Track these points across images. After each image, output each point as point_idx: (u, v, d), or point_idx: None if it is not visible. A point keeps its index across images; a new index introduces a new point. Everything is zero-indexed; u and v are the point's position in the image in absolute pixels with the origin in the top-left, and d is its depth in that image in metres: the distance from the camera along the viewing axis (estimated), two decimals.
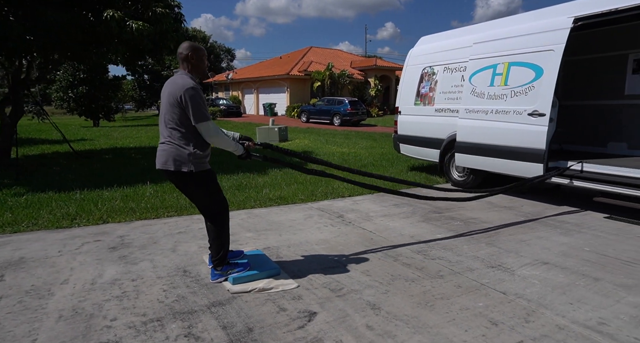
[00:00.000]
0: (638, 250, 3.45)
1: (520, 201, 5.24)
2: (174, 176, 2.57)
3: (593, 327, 2.25)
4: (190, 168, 2.50)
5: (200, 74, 2.61)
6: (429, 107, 6.64)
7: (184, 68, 2.57)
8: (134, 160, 8.48)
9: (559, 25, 4.78)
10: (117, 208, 4.54)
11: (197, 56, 2.56)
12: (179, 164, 2.50)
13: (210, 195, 2.66)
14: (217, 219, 2.68)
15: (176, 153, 2.50)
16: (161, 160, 2.55)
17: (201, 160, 2.55)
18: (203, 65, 2.61)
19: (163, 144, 2.57)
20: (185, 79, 2.47)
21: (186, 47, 2.55)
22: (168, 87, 2.51)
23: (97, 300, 2.47)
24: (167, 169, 2.54)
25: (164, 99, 2.52)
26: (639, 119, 5.77)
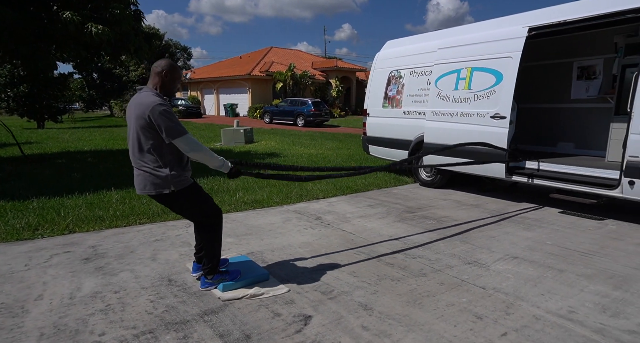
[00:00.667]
0: (592, 242, 3.80)
1: (485, 199, 5.57)
2: (157, 198, 2.48)
3: (564, 315, 2.46)
4: (172, 189, 2.41)
5: (167, 94, 2.47)
6: (396, 109, 6.85)
7: (152, 84, 2.44)
8: (91, 165, 8.00)
9: (515, 34, 5.13)
10: (83, 217, 4.28)
11: (171, 76, 2.45)
12: (159, 187, 2.40)
13: (200, 208, 2.59)
14: (210, 230, 2.62)
15: (153, 178, 2.39)
16: (139, 186, 2.45)
17: (181, 178, 2.44)
18: (174, 86, 2.50)
19: (138, 169, 2.44)
20: (151, 97, 2.33)
21: (163, 64, 2.44)
22: (134, 109, 2.36)
23: (79, 315, 2.34)
24: (149, 194, 2.44)
25: (132, 123, 2.37)
26: (582, 121, 6.33)
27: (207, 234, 2.63)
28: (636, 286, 2.85)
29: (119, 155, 9.47)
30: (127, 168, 7.40)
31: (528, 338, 2.19)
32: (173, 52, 44.76)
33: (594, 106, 6.19)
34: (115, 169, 7.35)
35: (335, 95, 28.78)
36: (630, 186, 4.10)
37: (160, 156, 2.38)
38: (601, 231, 4.14)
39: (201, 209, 2.59)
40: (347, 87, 31.02)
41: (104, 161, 8.35)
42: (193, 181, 2.56)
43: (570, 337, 2.22)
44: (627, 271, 3.11)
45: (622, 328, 2.31)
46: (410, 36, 7.26)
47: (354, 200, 5.49)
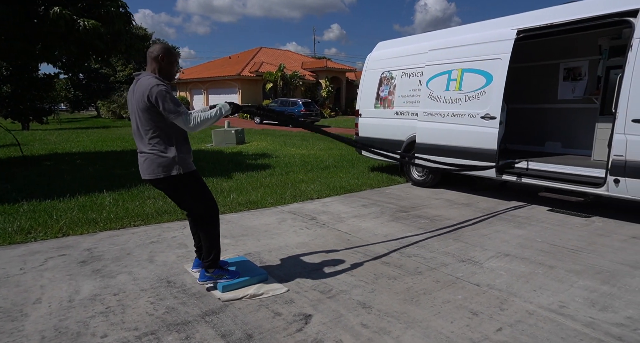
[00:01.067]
0: (579, 239, 3.91)
1: (476, 198, 5.67)
2: (164, 183, 2.50)
3: (556, 310, 2.54)
4: (179, 171, 2.45)
5: (167, 78, 2.51)
6: (388, 110, 6.93)
7: (151, 69, 2.48)
8: (81, 167, 7.89)
9: (504, 36, 5.25)
10: (76, 220, 4.24)
11: (167, 59, 2.48)
12: (167, 169, 2.44)
13: (201, 196, 2.62)
14: (208, 220, 2.64)
15: (160, 160, 2.43)
16: (148, 170, 2.47)
17: (187, 161, 2.52)
18: (172, 69, 2.54)
19: (144, 153, 2.48)
20: (150, 79, 2.37)
21: (158, 48, 2.47)
22: (134, 93, 2.42)
23: (80, 317, 2.33)
24: (156, 178, 2.45)
25: (133, 107, 2.42)
26: (569, 121, 6.50)
27: (205, 226, 2.65)
28: (623, 281, 2.96)
29: (109, 157, 9.37)
30: (118, 170, 7.36)
31: (522, 333, 2.26)
32: None
33: (579, 106, 6.36)
34: (105, 171, 7.28)
35: (325, 95, 28.85)
36: (615, 184, 4.23)
37: (166, 138, 2.42)
38: (588, 228, 4.26)
39: (201, 198, 2.62)
40: (337, 88, 31.12)
41: (94, 163, 8.25)
42: (196, 169, 2.61)
43: (562, 330, 2.30)
44: (614, 266, 3.22)
45: (611, 321, 2.40)
46: (402, 38, 7.35)
47: (347, 200, 5.54)
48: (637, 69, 4.08)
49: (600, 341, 2.19)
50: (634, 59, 4.10)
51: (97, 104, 35.68)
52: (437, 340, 2.19)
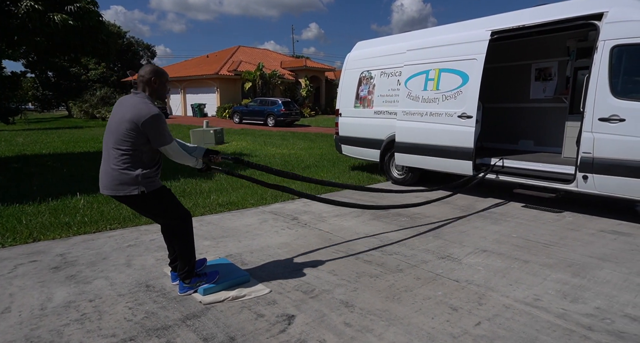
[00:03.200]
0: (552, 234, 4.06)
1: (454, 196, 5.75)
2: (124, 200, 2.44)
3: (531, 303, 2.63)
4: (142, 189, 2.39)
5: (160, 99, 2.55)
6: (368, 109, 6.99)
7: (143, 90, 2.47)
8: (52, 169, 7.60)
9: (479, 37, 5.38)
10: (47, 224, 4.08)
11: (160, 81, 2.50)
12: (128, 188, 2.37)
13: (169, 211, 2.57)
14: (180, 233, 2.59)
15: (123, 177, 2.36)
16: (107, 185, 2.40)
17: (151, 179, 2.44)
18: (164, 90, 2.56)
19: (107, 168, 2.40)
20: (149, 106, 2.37)
21: (149, 71, 2.47)
22: (127, 110, 2.36)
23: (53, 326, 2.25)
24: (115, 195, 2.39)
25: (118, 120, 2.36)
26: (541, 120, 6.74)
27: (178, 238, 2.60)
28: (592, 273, 3.09)
29: (82, 158, 9.06)
30: (92, 172, 7.09)
31: (499, 326, 2.33)
32: (136, 51, 43.14)
33: (550, 105, 6.60)
34: (79, 173, 7.04)
35: (305, 95, 28.79)
36: (584, 180, 4.42)
37: (136, 157, 2.38)
38: (560, 223, 4.43)
39: (169, 214, 2.57)
40: (317, 87, 31.11)
41: (66, 165, 7.95)
42: (162, 185, 2.55)
43: (536, 323, 2.38)
44: (584, 259, 3.36)
45: (581, 312, 2.50)
46: (380, 38, 7.42)
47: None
48: (602, 70, 4.27)
49: (572, 331, 2.28)
50: (599, 60, 4.28)
51: (68, 104, 34.39)
52: (419, 336, 2.23)
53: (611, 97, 4.20)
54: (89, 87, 33.11)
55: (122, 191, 2.37)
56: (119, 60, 39.09)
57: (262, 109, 21.53)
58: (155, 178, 2.47)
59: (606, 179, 4.25)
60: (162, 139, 2.39)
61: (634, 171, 4.04)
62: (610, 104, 4.19)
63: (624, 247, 3.64)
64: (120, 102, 2.47)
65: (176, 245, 2.63)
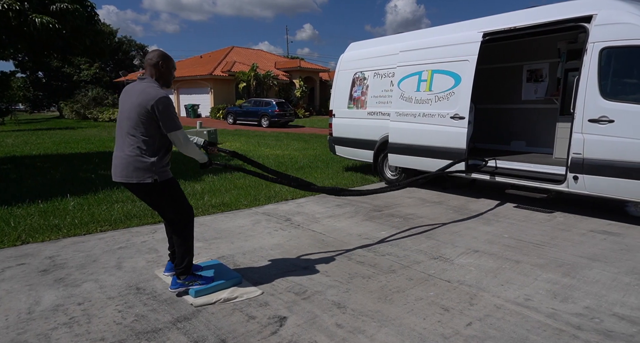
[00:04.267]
0: (543, 234, 4.09)
1: (447, 196, 5.82)
2: (136, 188, 2.43)
3: (522, 303, 2.65)
4: (155, 178, 2.41)
5: (166, 85, 2.53)
6: (361, 110, 7.00)
7: (150, 75, 2.48)
8: (42, 170, 7.51)
9: (471, 39, 5.41)
10: (36, 226, 4.03)
11: (167, 65, 2.50)
12: (142, 175, 2.38)
13: (176, 204, 2.58)
14: (182, 227, 2.59)
15: (138, 164, 2.38)
16: (122, 172, 2.40)
17: (164, 169, 2.48)
18: (171, 76, 2.56)
19: (122, 154, 2.41)
20: (156, 89, 2.39)
21: (157, 55, 2.48)
22: (135, 95, 2.38)
23: (40, 330, 2.22)
24: (128, 182, 2.38)
25: (129, 107, 2.39)
26: (533, 121, 6.80)
27: (179, 233, 2.60)
28: (582, 272, 3.12)
29: (74, 159, 8.96)
30: (83, 173, 7.05)
31: (490, 327, 2.34)
32: (127, 50, 42.80)
33: (541, 106, 6.66)
34: (70, 174, 6.96)
35: (299, 95, 28.78)
36: (574, 181, 4.46)
37: (151, 144, 2.40)
38: (551, 223, 4.47)
39: (176, 206, 2.58)
40: (311, 88, 31.11)
41: (57, 167, 7.86)
42: (173, 176, 2.57)
43: (527, 322, 2.39)
44: (574, 259, 3.39)
45: (571, 311, 2.52)
46: (374, 39, 7.47)
47: (322, 200, 5.55)
48: (591, 72, 4.31)
49: (561, 331, 2.30)
50: (589, 62, 4.33)
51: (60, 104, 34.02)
52: (410, 337, 2.23)
53: (600, 99, 4.24)
54: (81, 87, 32.77)
55: (136, 178, 2.38)
56: (111, 60, 38.79)
57: (256, 109, 21.47)
58: (167, 168, 2.51)
59: (596, 180, 4.30)
60: (172, 124, 2.38)
61: (623, 172, 4.08)
62: (600, 105, 4.24)
63: (613, 247, 3.68)
64: (127, 90, 2.47)
65: (176, 239, 2.61)
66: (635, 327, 2.34)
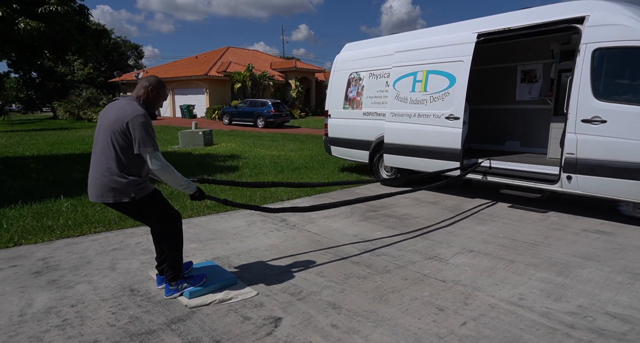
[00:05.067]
0: (537, 233, 4.12)
1: (442, 196, 5.84)
2: (115, 207, 2.41)
3: (516, 302, 2.67)
4: (132, 196, 2.36)
5: (151, 109, 2.50)
6: (357, 111, 7.01)
7: (137, 95, 2.46)
8: (35, 171, 7.45)
9: (466, 40, 5.44)
10: (29, 228, 3.99)
11: (157, 92, 2.49)
12: (117, 195, 2.34)
13: (160, 215, 2.54)
14: (170, 235, 2.57)
15: (112, 184, 2.32)
16: (97, 192, 2.36)
17: (142, 186, 2.42)
18: (158, 103, 2.55)
19: (97, 173, 2.36)
20: (135, 106, 2.36)
21: (153, 80, 2.49)
22: (113, 112, 2.36)
23: (32, 332, 2.19)
24: (105, 202, 2.36)
25: (106, 124, 2.35)
26: (527, 121, 6.84)
27: (167, 240, 2.57)
28: (575, 272, 3.14)
29: (67, 160, 8.89)
30: (77, 174, 7.00)
31: (485, 326, 2.35)
32: (122, 51, 42.54)
33: (535, 107, 6.70)
34: (63, 175, 6.91)
35: (295, 96, 28.76)
36: (568, 180, 4.49)
37: (127, 164, 2.35)
38: (545, 222, 4.50)
39: (160, 217, 2.55)
40: (307, 88, 31.10)
41: (50, 167, 7.80)
42: (154, 188, 2.51)
43: (521, 322, 2.41)
44: (567, 258, 3.41)
45: (564, 310, 2.54)
46: (369, 39, 7.46)
47: (318, 201, 5.54)
48: (584, 73, 4.35)
49: (555, 330, 2.32)
50: (582, 63, 4.37)
51: (53, 105, 33.75)
52: (405, 337, 2.23)
53: (593, 99, 4.28)
54: (75, 87, 32.53)
55: (113, 199, 2.34)
56: (106, 60, 38.55)
57: (251, 110, 21.43)
58: (144, 184, 2.44)
59: (589, 180, 4.33)
60: (147, 142, 2.28)
61: (615, 172, 4.12)
62: (593, 105, 4.27)
63: (606, 246, 3.71)
64: (109, 106, 2.46)
65: (165, 246, 2.60)
66: (627, 325, 2.36)
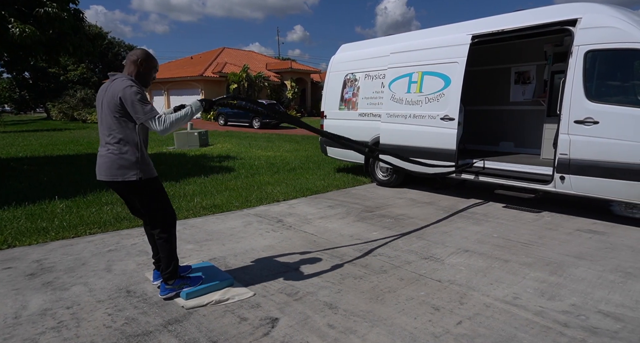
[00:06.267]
0: (531, 233, 4.16)
1: (437, 197, 5.88)
2: (121, 187, 2.41)
3: (510, 301, 2.69)
4: (140, 175, 2.39)
5: (143, 84, 2.49)
6: (352, 111, 7.03)
7: (128, 72, 2.44)
8: (29, 173, 7.39)
9: (461, 41, 5.48)
10: (23, 229, 3.97)
11: (146, 64, 2.47)
12: (126, 173, 2.36)
13: (162, 205, 2.56)
14: (167, 230, 2.57)
15: (121, 162, 2.36)
16: (106, 171, 2.38)
17: (148, 166, 2.47)
18: (149, 76, 2.53)
19: (105, 152, 2.40)
20: (124, 80, 2.34)
21: (140, 53, 2.46)
22: (105, 91, 2.38)
23: (27, 335, 2.18)
24: (113, 181, 2.36)
25: (103, 106, 2.38)
26: (521, 122, 6.90)
27: (162, 236, 2.57)
28: (568, 271, 3.18)
29: (62, 162, 8.83)
30: (72, 175, 6.95)
31: (480, 325, 2.38)
32: (117, 52, 42.29)
33: (529, 108, 6.77)
34: (57, 177, 6.86)
35: (290, 97, 28.77)
36: (561, 181, 4.54)
37: (131, 141, 2.37)
38: (539, 222, 4.54)
39: (163, 206, 2.56)
40: (302, 89, 31.13)
41: (44, 169, 7.74)
42: (157, 175, 2.54)
43: (515, 320, 2.43)
44: (561, 258, 3.45)
45: (558, 309, 2.57)
46: (365, 40, 7.49)
47: (314, 202, 5.56)
48: (577, 74, 4.40)
49: (549, 328, 2.34)
50: (574, 65, 4.42)
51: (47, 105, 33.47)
52: (401, 336, 2.25)
53: (586, 101, 4.33)
54: (69, 88, 32.28)
55: (121, 177, 2.36)
56: (100, 61, 38.30)
57: (247, 112, 21.36)
58: (150, 164, 2.48)
59: (582, 180, 4.38)
60: (146, 111, 2.26)
61: (607, 172, 4.17)
62: (585, 107, 4.33)
63: (598, 245, 3.76)
64: (102, 88, 2.45)
65: (160, 243, 2.59)
66: (619, 323, 2.40)
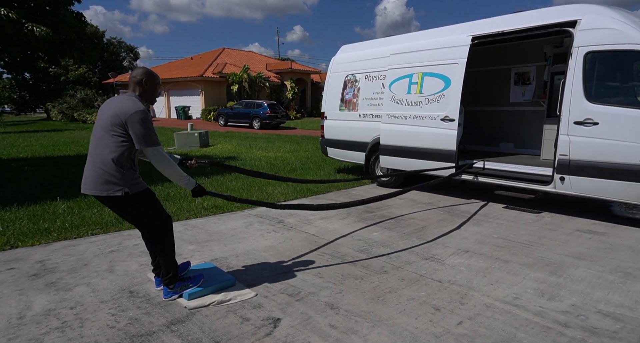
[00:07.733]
0: (531, 234, 4.18)
1: (438, 197, 5.90)
2: (107, 201, 2.41)
3: (510, 301, 2.71)
4: (125, 190, 2.36)
5: (149, 102, 2.54)
6: (353, 112, 7.05)
7: (133, 91, 2.47)
8: (30, 173, 7.41)
9: (461, 42, 5.50)
10: (26, 230, 3.98)
11: (151, 83, 2.51)
12: (111, 188, 2.34)
13: (152, 216, 2.54)
14: (161, 240, 2.57)
15: (108, 177, 2.33)
16: (91, 185, 2.37)
17: (136, 181, 2.43)
18: (155, 93, 2.56)
19: (93, 166, 2.38)
20: (135, 102, 2.37)
21: (142, 73, 2.49)
22: (113, 107, 2.37)
23: (32, 335, 2.20)
24: (98, 195, 2.36)
25: (105, 118, 2.37)
26: (520, 123, 6.93)
27: (159, 243, 2.57)
28: (568, 271, 3.20)
29: (62, 162, 8.85)
30: (73, 176, 6.97)
31: (480, 325, 2.40)
32: (116, 52, 42.30)
33: (529, 109, 6.79)
34: (58, 177, 6.88)
35: (290, 97, 28.79)
36: (561, 181, 4.56)
37: (123, 157, 2.36)
38: (539, 223, 4.56)
39: (154, 217, 2.55)
40: (303, 89, 31.15)
41: (45, 170, 7.76)
42: (147, 187, 2.53)
43: (515, 320, 2.45)
44: (560, 258, 3.47)
45: (558, 309, 2.59)
46: (365, 41, 7.51)
47: (314, 202, 5.57)
48: (576, 76, 4.42)
49: (549, 328, 2.36)
50: (574, 66, 4.44)
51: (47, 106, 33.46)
52: (402, 336, 2.27)
53: (585, 102, 4.35)
54: (69, 88, 32.29)
55: (106, 192, 2.34)
56: (100, 61, 38.33)
57: (247, 111, 21.41)
58: (139, 179, 2.46)
59: (582, 181, 4.40)
60: (149, 138, 2.30)
61: (607, 173, 4.19)
62: (585, 108, 4.34)
63: (598, 246, 3.78)
64: (108, 102, 2.47)
65: (157, 251, 2.61)
66: (618, 323, 2.42)
